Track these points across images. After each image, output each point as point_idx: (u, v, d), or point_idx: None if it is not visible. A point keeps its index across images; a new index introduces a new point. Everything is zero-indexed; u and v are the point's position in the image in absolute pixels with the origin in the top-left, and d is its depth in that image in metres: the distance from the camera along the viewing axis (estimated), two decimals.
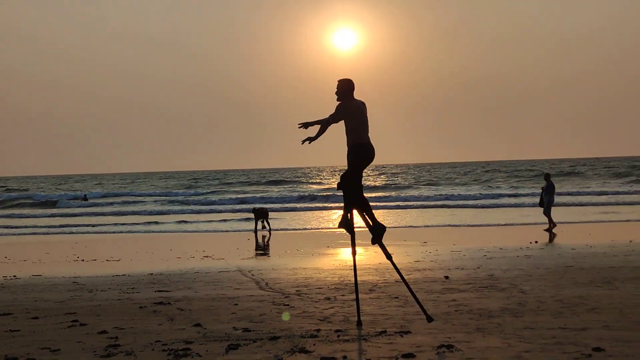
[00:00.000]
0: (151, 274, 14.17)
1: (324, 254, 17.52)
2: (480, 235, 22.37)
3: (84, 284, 12.73)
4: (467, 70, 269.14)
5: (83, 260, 17.58)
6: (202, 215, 37.53)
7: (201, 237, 25.39)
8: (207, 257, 17.50)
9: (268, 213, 26.76)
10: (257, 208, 26.98)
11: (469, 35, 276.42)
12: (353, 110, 7.93)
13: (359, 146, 7.94)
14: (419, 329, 7.63)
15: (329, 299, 10.13)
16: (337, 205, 43.19)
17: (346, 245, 19.38)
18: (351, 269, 13.35)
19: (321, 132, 8.02)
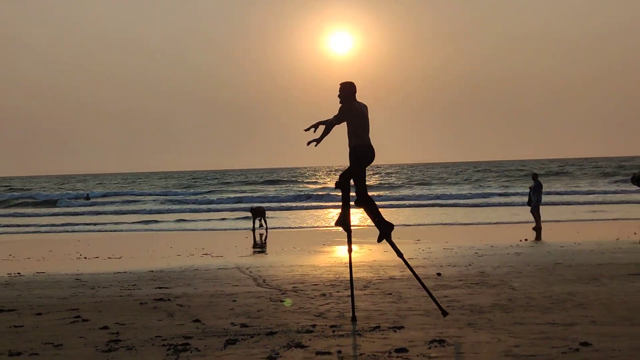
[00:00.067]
0: (152, 271, 14.28)
1: (320, 252, 17.62)
2: (471, 233, 22.49)
3: (86, 281, 12.84)
4: (460, 73, 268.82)
5: (85, 258, 17.65)
6: (201, 214, 37.53)
7: (200, 235, 25.42)
8: (206, 254, 17.60)
9: (265, 212, 26.81)
10: (254, 207, 27.02)
11: (464, 39, 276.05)
12: (355, 112, 8.10)
13: (361, 147, 8.11)
14: (411, 324, 7.81)
15: (324, 295, 10.26)
16: (332, 204, 43.34)
17: (341, 243, 19.53)
18: (346, 266, 13.52)
19: (325, 133, 8.17)
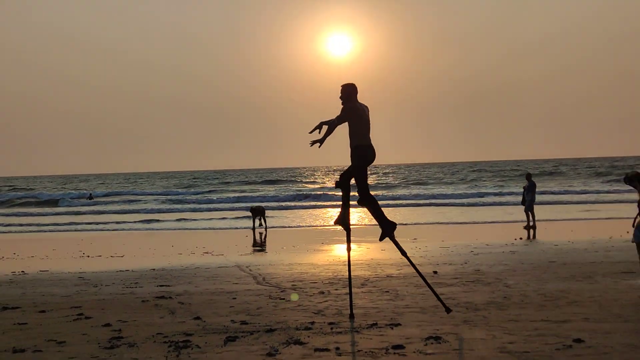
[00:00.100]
0: (153, 269, 14.38)
1: (319, 250, 17.71)
2: (467, 232, 22.57)
3: (89, 279, 12.95)
4: (458, 76, 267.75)
5: (88, 257, 17.73)
6: (201, 214, 37.56)
7: (201, 234, 25.49)
8: (206, 253, 17.69)
9: (265, 211, 26.90)
10: (254, 207, 27.09)
11: (463, 43, 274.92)
12: (357, 113, 8.22)
13: (362, 147, 8.23)
14: (408, 321, 7.94)
15: (323, 293, 10.39)
16: (330, 204, 43.44)
17: (340, 242, 19.63)
18: (344, 265, 13.67)
19: (328, 133, 8.28)
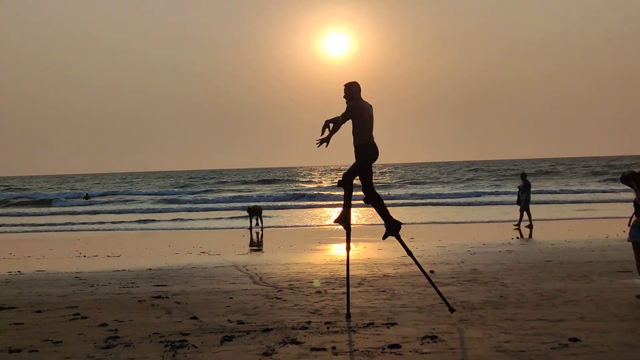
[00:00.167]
0: (150, 269, 14.38)
1: (316, 250, 17.70)
2: (464, 231, 22.55)
3: (85, 279, 12.96)
4: (456, 76, 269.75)
5: (85, 256, 17.71)
6: (198, 213, 37.51)
7: (198, 234, 25.45)
8: (203, 253, 17.68)
9: (262, 211, 26.90)
10: (251, 206, 27.09)
11: (460, 43, 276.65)
12: (362, 111, 8.25)
13: (366, 145, 8.25)
14: (405, 320, 7.96)
15: (319, 292, 10.40)
16: (327, 203, 43.46)
17: (337, 242, 19.64)
18: (341, 264, 13.71)
19: (334, 132, 8.29)
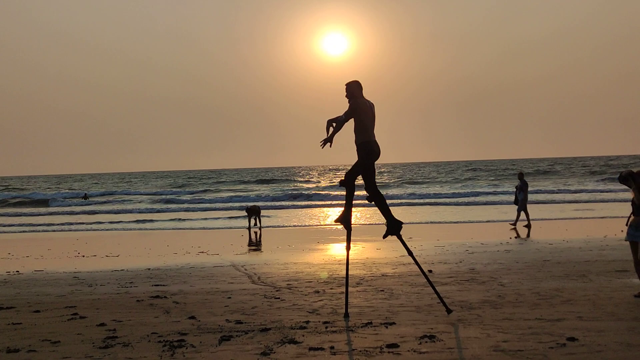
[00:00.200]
0: (148, 269, 14.38)
1: (314, 250, 17.70)
2: (462, 231, 22.56)
3: (84, 279, 12.95)
4: (454, 76, 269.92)
5: (83, 256, 17.70)
6: (196, 213, 37.51)
7: (196, 233, 25.43)
8: (202, 252, 17.68)
9: (260, 211, 26.90)
10: (250, 206, 27.08)
11: (459, 42, 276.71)
12: (365, 109, 8.25)
13: (367, 144, 8.24)
14: (403, 320, 7.97)
15: (318, 292, 10.42)
16: (325, 203, 43.51)
17: (335, 241, 19.65)
18: (339, 264, 13.73)
19: (336, 131, 8.29)
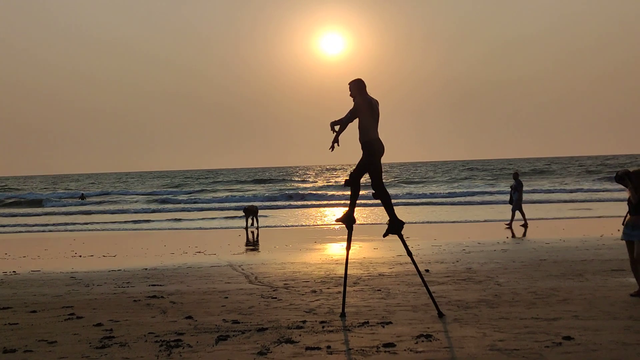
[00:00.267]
0: (145, 269, 14.37)
1: (311, 249, 17.69)
2: (459, 230, 22.57)
3: (81, 279, 12.94)
4: (451, 75, 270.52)
5: (80, 256, 17.67)
6: (193, 213, 37.47)
7: (193, 233, 25.42)
8: (199, 252, 17.67)
9: (257, 211, 26.89)
10: (247, 206, 27.06)
11: (455, 42, 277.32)
12: (370, 106, 8.25)
13: (371, 143, 8.26)
14: (399, 319, 7.99)
15: (315, 291, 10.44)
16: (323, 203, 43.53)
17: (332, 241, 19.67)
18: (337, 264, 13.76)
19: (341, 131, 8.30)
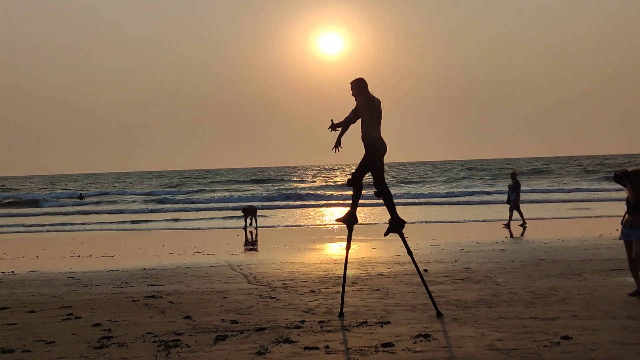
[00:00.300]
0: (144, 269, 14.37)
1: (310, 249, 17.69)
2: (457, 230, 22.57)
3: (79, 279, 12.93)
4: (449, 75, 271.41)
5: (79, 256, 17.66)
6: (192, 213, 37.44)
7: (192, 233, 25.42)
8: (198, 252, 17.67)
9: (256, 211, 26.89)
10: (246, 206, 27.05)
11: (453, 42, 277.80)
12: (373, 105, 8.23)
13: (372, 144, 8.22)
14: (398, 319, 8.00)
15: (313, 291, 10.44)
16: (321, 203, 43.54)
17: (331, 241, 19.67)
18: (335, 263, 13.75)
19: (343, 132, 8.28)
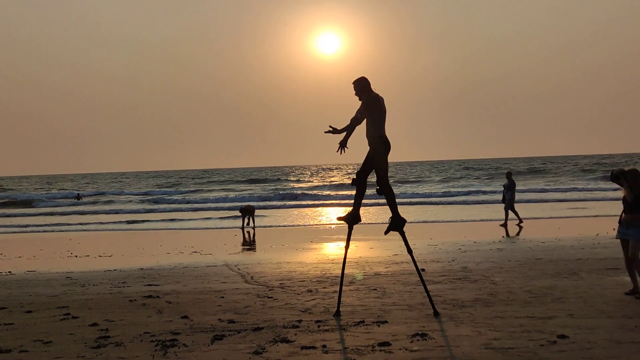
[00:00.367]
0: (141, 269, 14.38)
1: (307, 249, 17.71)
2: (455, 230, 22.58)
3: (76, 279, 12.94)
4: (445, 74, 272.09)
5: (76, 256, 17.68)
6: (189, 213, 37.46)
7: (189, 233, 25.42)
8: (195, 252, 17.69)
9: (254, 211, 26.89)
10: (244, 206, 27.05)
11: (449, 41, 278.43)
12: (378, 103, 8.22)
13: (384, 137, 8.21)
14: (395, 319, 8.01)
15: (310, 291, 10.45)
16: (320, 203, 43.47)
17: (328, 240, 19.69)
18: (332, 263, 13.78)
19: (350, 133, 8.27)
